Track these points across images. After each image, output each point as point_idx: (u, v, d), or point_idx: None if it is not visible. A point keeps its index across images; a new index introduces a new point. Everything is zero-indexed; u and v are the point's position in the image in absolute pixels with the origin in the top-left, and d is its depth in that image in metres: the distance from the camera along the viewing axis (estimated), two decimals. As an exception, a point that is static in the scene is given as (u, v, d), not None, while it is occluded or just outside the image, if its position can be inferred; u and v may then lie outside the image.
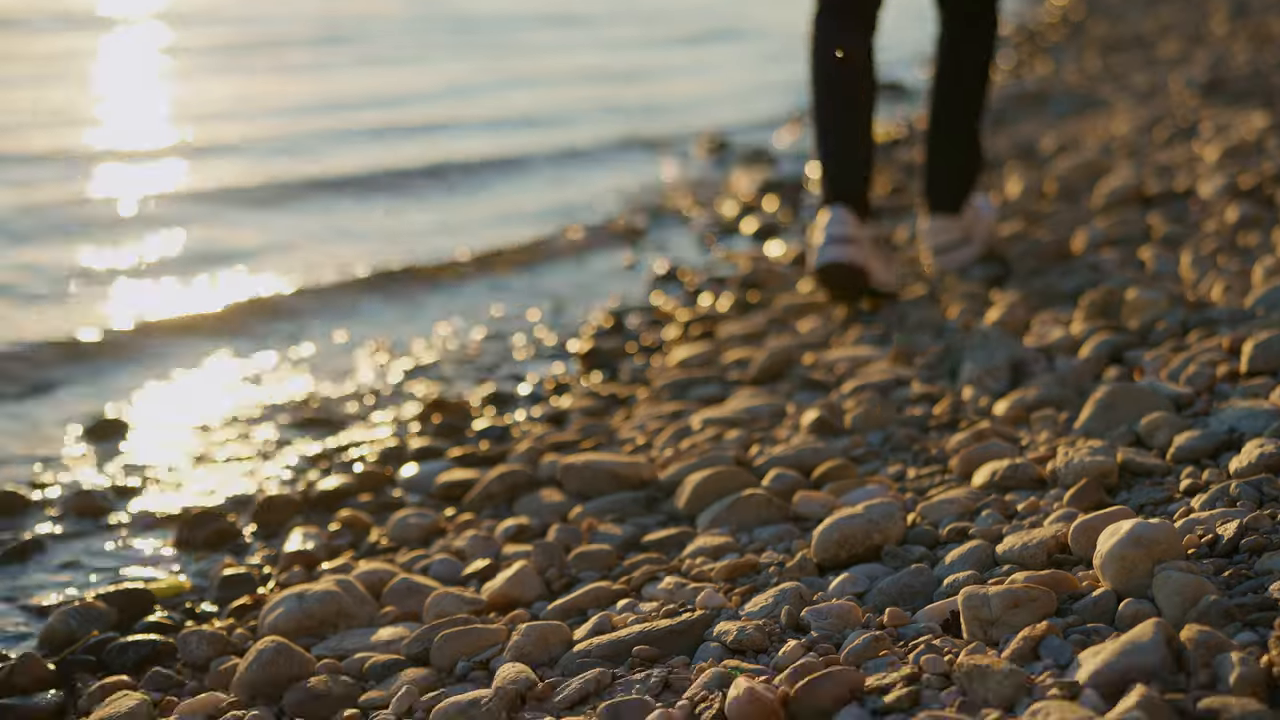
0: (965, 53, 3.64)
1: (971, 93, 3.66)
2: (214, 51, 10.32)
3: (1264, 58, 6.81)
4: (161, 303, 3.89)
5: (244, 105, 7.46)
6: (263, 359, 3.49)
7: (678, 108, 7.59)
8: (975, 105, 3.67)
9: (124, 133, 6.59)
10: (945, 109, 3.66)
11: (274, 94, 7.91)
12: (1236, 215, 3.54)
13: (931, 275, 3.64)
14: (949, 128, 3.66)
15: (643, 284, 4.18)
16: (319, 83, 8.54)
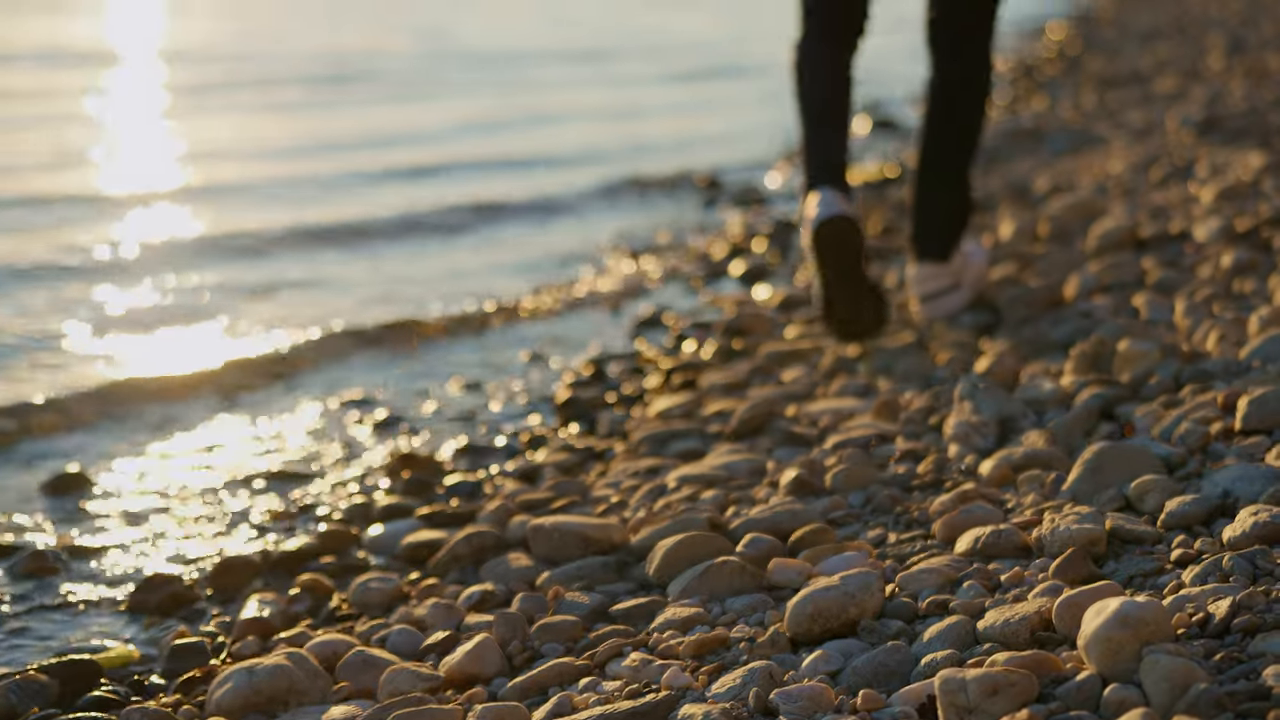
0: (957, 96, 3.56)
1: (962, 137, 3.58)
2: (208, 90, 10.27)
3: (1260, 95, 6.75)
4: (132, 356, 3.77)
5: (234, 146, 7.40)
6: (233, 414, 3.39)
7: (672, 146, 7.53)
8: (966, 150, 3.59)
9: (112, 176, 6.50)
10: (935, 153, 3.58)
11: (264, 135, 7.85)
12: (1232, 260, 3.46)
13: (919, 323, 3.56)
14: (938, 173, 3.58)
15: (626, 329, 4.09)
16: (314, 123, 8.47)
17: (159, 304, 4.25)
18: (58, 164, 6.62)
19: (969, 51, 3.54)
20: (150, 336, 3.96)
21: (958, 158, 3.59)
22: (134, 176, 6.50)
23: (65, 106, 9.10)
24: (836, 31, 3.54)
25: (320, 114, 8.98)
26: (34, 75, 11.08)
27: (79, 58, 12.91)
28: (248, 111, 8.98)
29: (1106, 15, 16.65)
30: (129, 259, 4.75)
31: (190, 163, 7.01)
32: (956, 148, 3.57)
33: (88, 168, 6.56)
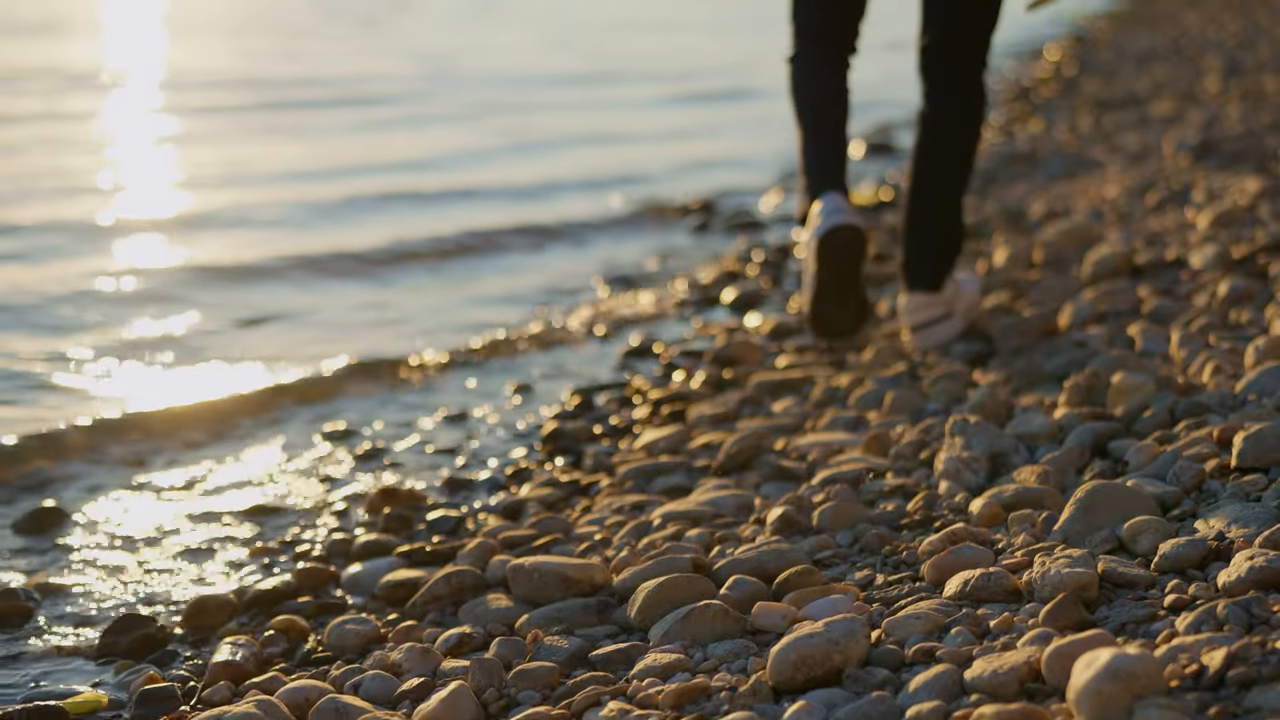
0: (949, 125, 3.52)
1: (955, 166, 3.54)
2: (204, 114, 10.23)
3: (1257, 118, 6.72)
4: (115, 389, 3.69)
5: (227, 172, 7.32)
6: (216, 447, 3.32)
7: (664, 172, 7.47)
8: (958, 179, 3.55)
9: (97, 203, 6.41)
10: (927, 182, 3.53)
11: (258, 161, 7.78)
12: (1228, 288, 3.42)
13: (912, 353, 3.51)
14: (930, 202, 3.53)
15: (615, 359, 4.04)
16: (310, 148, 8.40)
17: (142, 336, 4.16)
18: (40, 191, 6.55)
19: (962, 80, 3.50)
20: (133, 368, 3.88)
21: (950, 186, 3.55)
22: (122, 203, 6.43)
23: (55, 131, 9.05)
24: (827, 43, 3.58)
25: (317, 139, 8.93)
26: (30, 99, 11.05)
27: (74, 80, 12.88)
28: (242, 137, 8.93)
29: (1103, 37, 16.66)
30: (112, 290, 4.66)
31: (181, 190, 6.94)
32: (949, 176, 3.53)
33: (72, 196, 6.45)
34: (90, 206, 6.16)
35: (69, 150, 8.05)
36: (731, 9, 30.36)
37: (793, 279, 4.83)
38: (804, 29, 3.60)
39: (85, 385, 3.70)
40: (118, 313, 4.40)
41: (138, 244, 5.50)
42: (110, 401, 3.58)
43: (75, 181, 6.81)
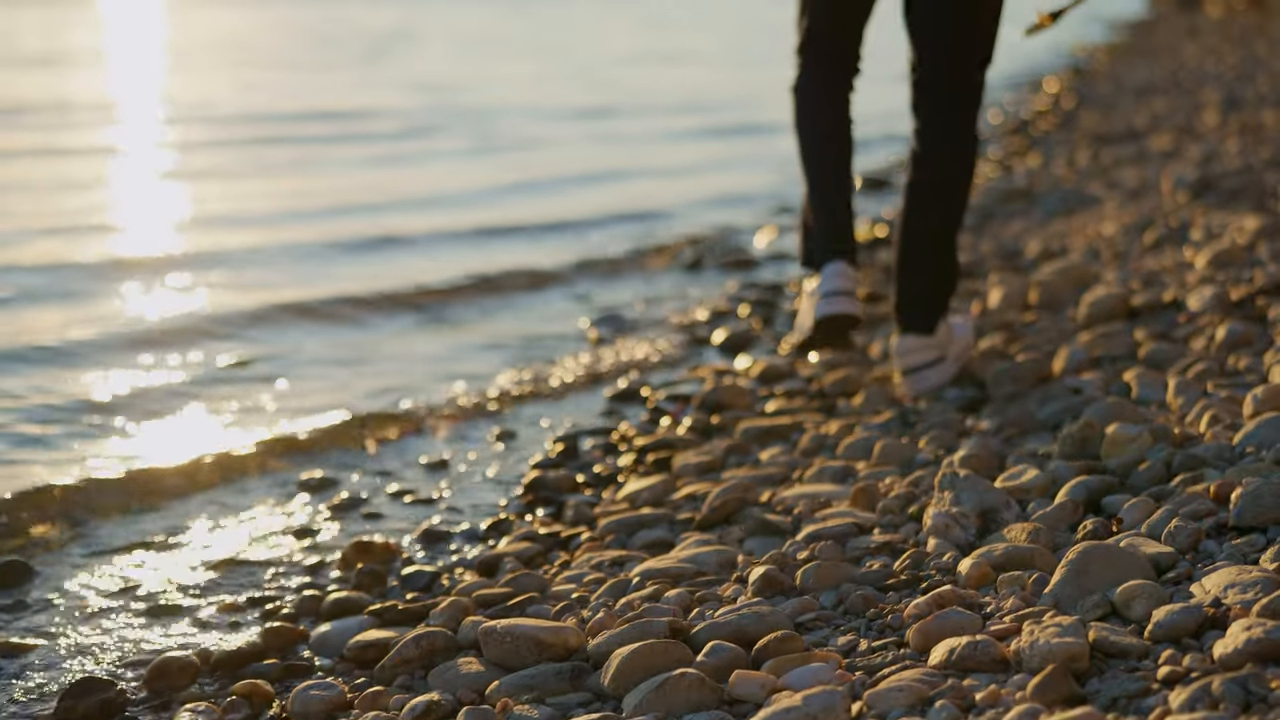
0: (939, 165, 3.45)
1: (946, 208, 3.47)
2: (200, 149, 10.18)
3: (1256, 154, 6.67)
4: (86, 442, 3.57)
5: (221, 211, 7.20)
6: (189, 501, 3.22)
7: (665, 207, 7.39)
8: (951, 220, 3.48)
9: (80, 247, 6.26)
10: (918, 223, 3.46)
11: (253, 198, 7.66)
12: (1225, 333, 3.35)
13: (903, 398, 3.44)
14: (922, 244, 3.46)
15: (602, 403, 3.96)
16: (307, 184, 8.28)
17: (115, 385, 4.01)
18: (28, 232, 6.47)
19: (953, 117, 3.44)
20: (105, 418, 3.75)
21: (943, 227, 3.48)
22: (109, 245, 6.30)
23: (48, 168, 8.98)
24: (831, 65, 3.55)
25: (315, 175, 8.83)
26: (25, 134, 11.00)
27: (71, 114, 12.86)
28: (239, 173, 8.84)
29: (1102, 69, 16.65)
30: (89, 338, 4.50)
31: (173, 230, 6.81)
32: (941, 218, 3.46)
33: (59, 236, 6.33)
34: (78, 248, 6.06)
35: (60, 188, 7.97)
36: (733, 40, 30.45)
37: (784, 319, 4.76)
38: (808, 44, 3.55)
39: (56, 437, 3.58)
40: (93, 362, 4.25)
41: (117, 289, 5.34)
42: (80, 454, 3.47)
43: (60, 221, 6.69)
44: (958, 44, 3.39)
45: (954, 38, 3.38)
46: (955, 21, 3.37)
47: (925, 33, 3.40)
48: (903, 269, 3.48)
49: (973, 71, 3.42)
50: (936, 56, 3.40)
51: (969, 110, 3.44)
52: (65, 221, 6.72)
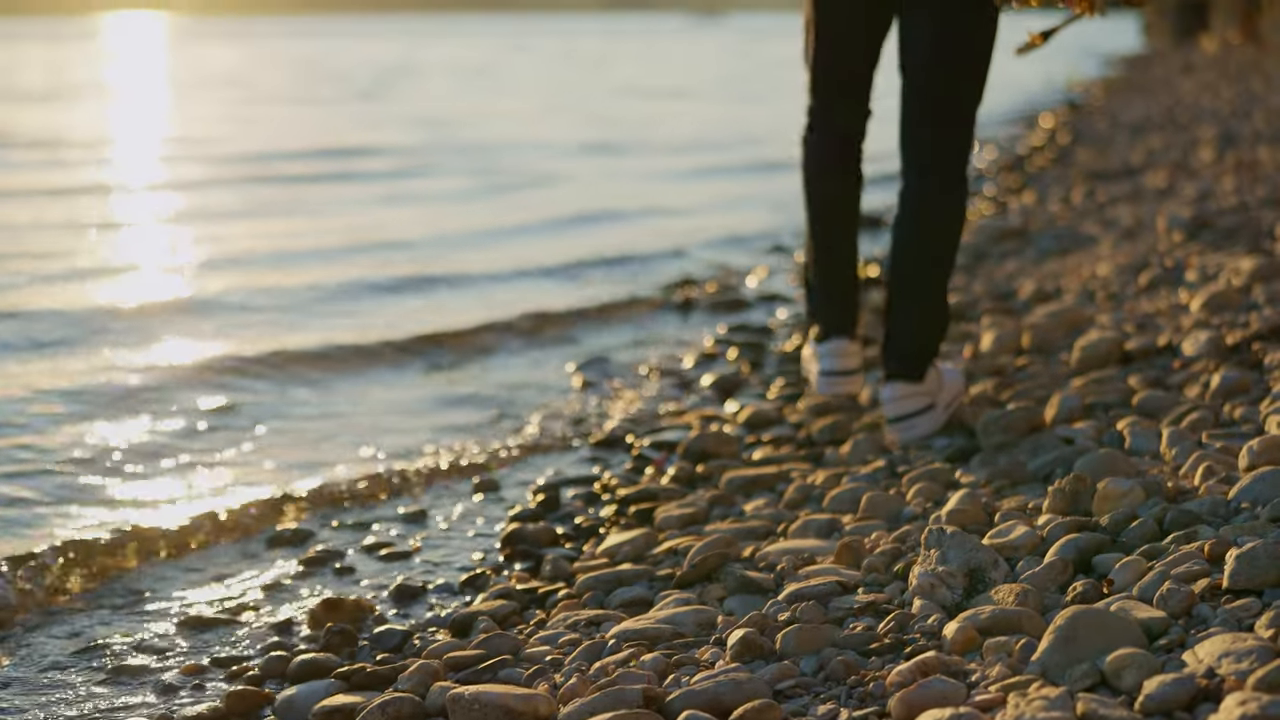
0: (930, 212, 3.39)
1: (935, 255, 3.40)
2: (199, 190, 10.11)
3: (1252, 192, 6.62)
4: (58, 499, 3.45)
5: (217, 254, 7.12)
6: (156, 557, 3.10)
7: (659, 247, 7.33)
8: (940, 267, 3.41)
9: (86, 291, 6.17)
10: (907, 270, 3.40)
11: (250, 241, 7.57)
12: (1220, 380, 3.28)
13: (891, 446, 3.36)
14: (911, 290, 3.40)
15: (586, 449, 3.88)
16: (304, 227, 8.18)
17: (85, 444, 3.85)
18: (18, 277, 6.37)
19: (943, 166, 3.37)
20: (73, 477, 3.60)
21: (932, 275, 3.41)
22: (102, 290, 6.20)
23: (42, 209, 8.92)
24: (839, 119, 3.52)
25: (312, 216, 8.75)
26: (22, 173, 10.94)
27: (64, 152, 12.83)
28: (236, 214, 8.78)
29: (1098, 104, 16.66)
30: (70, 389, 4.36)
31: (162, 275, 6.71)
32: (930, 264, 3.40)
33: (48, 282, 6.25)
34: (58, 294, 5.98)
35: (52, 231, 7.90)
36: (730, 74, 30.54)
37: (774, 362, 4.70)
38: (817, 91, 3.52)
39: (21, 493, 3.45)
40: (64, 417, 4.10)
41: (94, 337, 5.18)
42: (46, 509, 3.36)
43: (49, 267, 6.62)
44: (948, 85, 3.33)
45: (944, 79, 3.33)
46: (945, 63, 3.31)
47: (915, 74, 3.35)
48: (891, 315, 3.42)
49: (963, 113, 3.36)
50: (926, 97, 3.35)
51: (959, 153, 3.38)
52: (51, 267, 6.63)
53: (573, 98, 22.15)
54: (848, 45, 3.45)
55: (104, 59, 43.04)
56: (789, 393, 4.16)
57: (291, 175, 10.94)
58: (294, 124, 16.20)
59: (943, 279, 3.43)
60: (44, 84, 26.13)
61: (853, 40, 3.43)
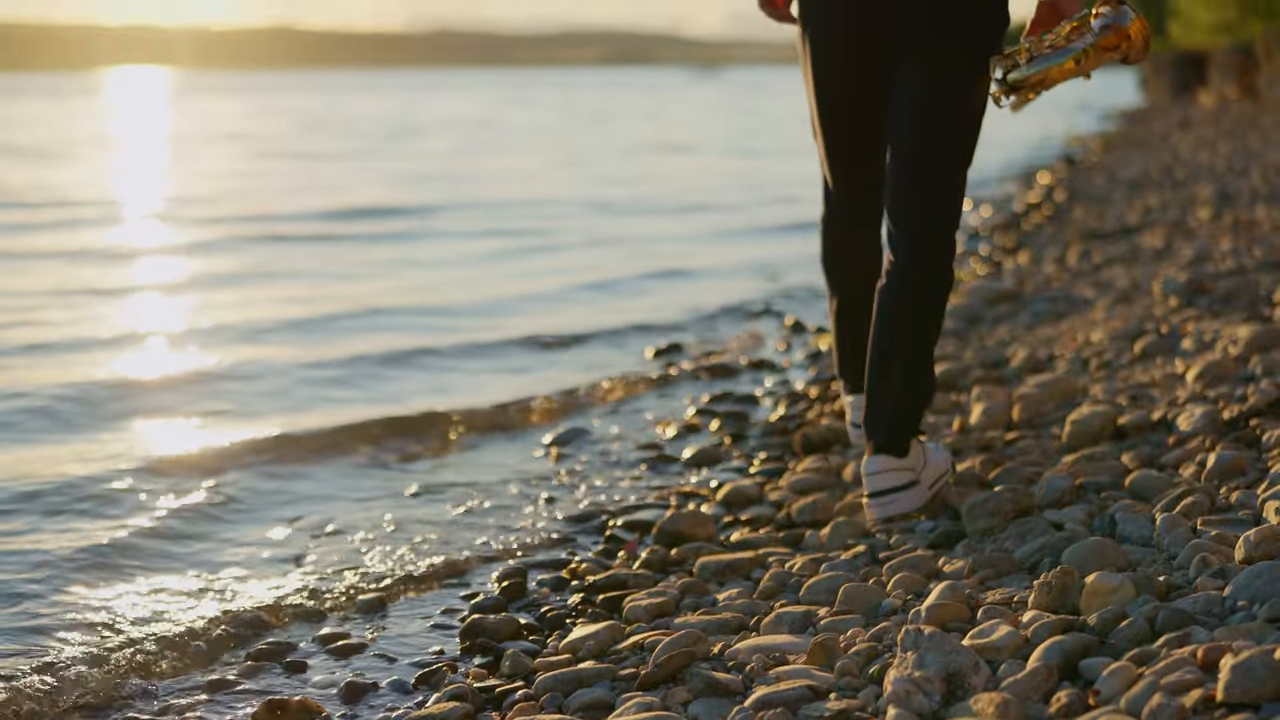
0: (913, 277, 3.26)
1: (917, 320, 3.27)
2: (209, 252, 9.95)
3: (1249, 254, 6.51)
4: None
5: (216, 323, 6.93)
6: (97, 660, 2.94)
7: (647, 313, 7.20)
8: (922, 334, 3.28)
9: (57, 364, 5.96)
10: (888, 336, 3.26)
11: (248, 309, 7.39)
12: (1215, 460, 3.14)
13: (870, 523, 3.22)
14: (892, 357, 3.25)
15: (558, 527, 3.74)
16: (307, 293, 7.97)
17: (38, 543, 3.61)
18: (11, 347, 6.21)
19: (928, 227, 3.25)
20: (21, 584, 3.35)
21: (915, 343, 3.28)
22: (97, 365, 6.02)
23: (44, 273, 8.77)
24: (855, 202, 3.48)
25: (316, 281, 8.57)
26: (26, 236, 10.80)
27: (65, 210, 12.74)
28: (244, 278, 8.60)
29: (1096, 160, 16.61)
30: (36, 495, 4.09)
31: (152, 350, 6.51)
32: (912, 331, 3.27)
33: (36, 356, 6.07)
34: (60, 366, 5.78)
35: (46, 297, 7.74)
36: (732, 129, 30.58)
37: (757, 433, 4.56)
38: (830, 177, 3.48)
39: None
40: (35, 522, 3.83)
41: (68, 420, 4.97)
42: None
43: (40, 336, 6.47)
44: (935, 149, 3.22)
45: (931, 142, 3.21)
46: (933, 125, 3.21)
47: (901, 136, 3.24)
48: (873, 385, 3.28)
49: (949, 177, 3.25)
50: (912, 161, 3.23)
51: (945, 218, 3.25)
52: (44, 336, 6.47)
53: (577, 153, 22.15)
54: (851, 141, 3.41)
55: (108, 114, 43.17)
56: (771, 467, 4.02)
57: (298, 236, 10.83)
58: (302, 182, 16.15)
59: (927, 347, 3.30)
60: (46, 140, 26.16)
61: (856, 135, 3.39)
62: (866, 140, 3.37)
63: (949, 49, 3.18)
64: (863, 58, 3.26)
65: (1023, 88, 3.07)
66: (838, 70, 3.30)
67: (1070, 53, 3.04)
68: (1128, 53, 3.05)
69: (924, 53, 3.19)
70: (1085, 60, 3.04)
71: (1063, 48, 3.05)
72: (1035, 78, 3.05)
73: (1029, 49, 3.08)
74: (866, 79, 3.27)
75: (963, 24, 3.17)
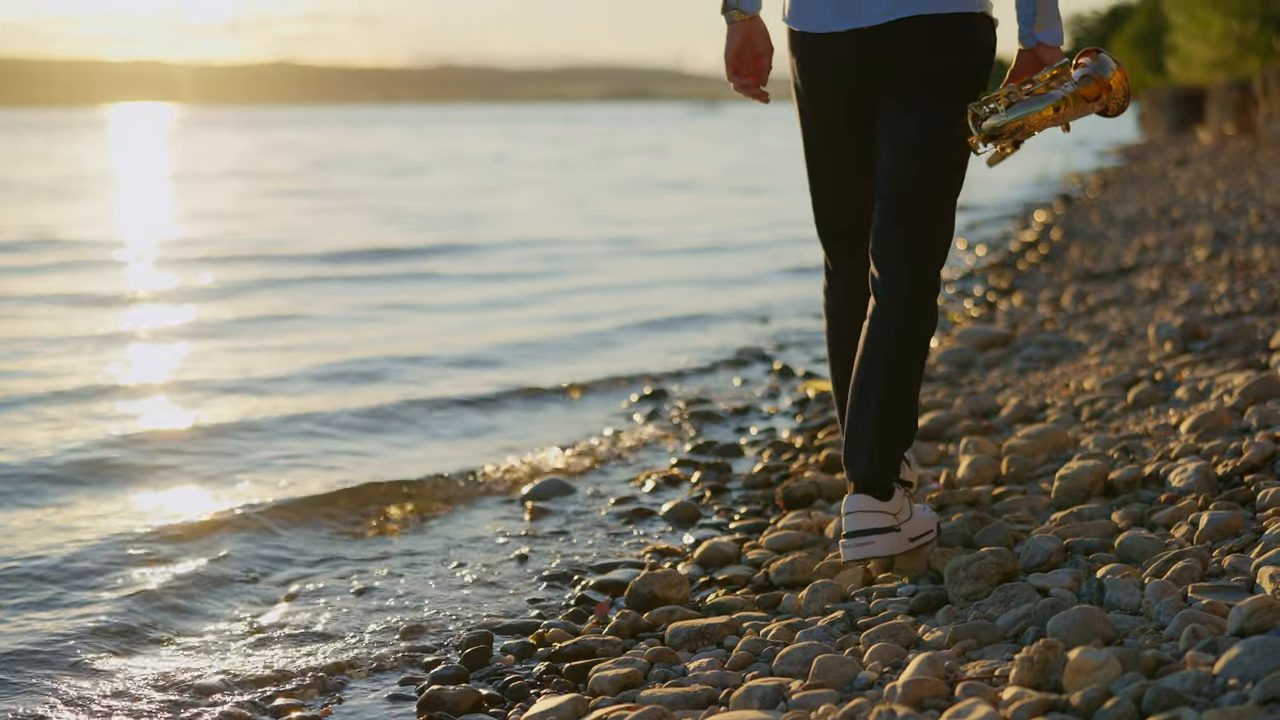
0: (892, 314, 3.14)
1: (897, 358, 3.14)
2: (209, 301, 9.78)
3: (1245, 296, 6.41)
4: None
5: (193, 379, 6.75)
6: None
7: (637, 361, 7.07)
8: (900, 373, 3.16)
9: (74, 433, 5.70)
10: (868, 372, 3.15)
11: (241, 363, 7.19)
12: (1208, 520, 3.03)
13: (850, 595, 3.09)
14: (870, 395, 3.14)
15: (528, 586, 3.60)
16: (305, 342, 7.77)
17: None
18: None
19: (911, 265, 3.14)
20: None
21: (896, 383, 3.16)
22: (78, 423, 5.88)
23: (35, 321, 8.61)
24: (856, 268, 3.36)
25: (315, 329, 8.36)
26: (19, 280, 10.67)
27: (61, 251, 12.62)
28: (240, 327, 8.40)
29: (1093, 198, 16.55)
30: None
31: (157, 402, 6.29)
32: (895, 373, 3.15)
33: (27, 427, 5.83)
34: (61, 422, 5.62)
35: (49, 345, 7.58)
36: (731, 164, 30.57)
37: (738, 485, 4.43)
38: (827, 242, 3.39)
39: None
40: None
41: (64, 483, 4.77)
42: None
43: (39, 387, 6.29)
44: (920, 186, 3.13)
45: (915, 179, 3.12)
46: (920, 164, 3.12)
47: (887, 173, 3.15)
48: (852, 419, 3.17)
49: (935, 212, 3.16)
50: (896, 198, 3.14)
51: (929, 254, 3.15)
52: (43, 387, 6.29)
53: (576, 191, 22.10)
54: (842, 199, 3.32)
55: (114, 150, 43.13)
56: (751, 522, 3.89)
57: (289, 280, 10.68)
58: (297, 223, 16.05)
59: (909, 384, 3.18)
60: (50, 177, 26.11)
61: (847, 191, 3.30)
62: (863, 188, 3.29)
63: (938, 90, 3.09)
64: (852, 107, 3.19)
65: (1001, 135, 2.98)
66: (828, 121, 3.24)
67: (1049, 100, 2.96)
68: (1108, 104, 2.99)
69: (911, 94, 3.11)
70: (1064, 108, 2.96)
71: (1042, 94, 2.96)
72: (1013, 124, 2.96)
73: (1008, 95, 2.99)
74: (855, 131, 3.22)
75: (951, 65, 3.08)
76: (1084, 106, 2.97)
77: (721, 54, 3.24)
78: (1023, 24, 3.11)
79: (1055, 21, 3.08)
